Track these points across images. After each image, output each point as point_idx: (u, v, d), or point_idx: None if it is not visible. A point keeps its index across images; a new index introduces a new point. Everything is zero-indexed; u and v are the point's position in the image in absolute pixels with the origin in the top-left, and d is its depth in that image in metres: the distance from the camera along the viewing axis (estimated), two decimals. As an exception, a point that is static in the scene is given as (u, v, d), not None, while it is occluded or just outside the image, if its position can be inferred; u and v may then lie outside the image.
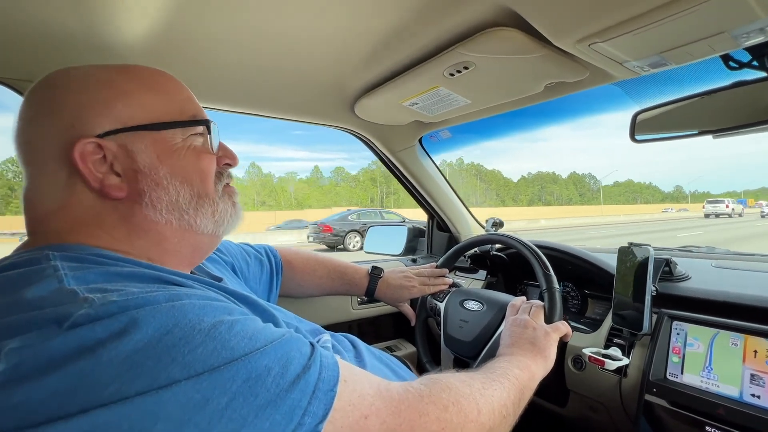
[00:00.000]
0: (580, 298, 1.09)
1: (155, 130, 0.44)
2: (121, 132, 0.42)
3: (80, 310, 0.29)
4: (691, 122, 0.75)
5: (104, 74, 0.44)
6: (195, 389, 0.29)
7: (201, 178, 0.47)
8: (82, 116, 0.41)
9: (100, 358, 0.28)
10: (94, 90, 0.42)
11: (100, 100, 0.42)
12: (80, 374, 0.27)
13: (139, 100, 0.44)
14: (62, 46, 0.69)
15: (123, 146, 0.42)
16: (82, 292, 0.31)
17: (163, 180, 0.44)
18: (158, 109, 0.44)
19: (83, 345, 0.28)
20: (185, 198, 0.45)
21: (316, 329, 0.62)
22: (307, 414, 0.33)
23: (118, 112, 0.42)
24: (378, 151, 1.35)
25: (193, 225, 0.46)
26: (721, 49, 0.60)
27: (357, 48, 0.78)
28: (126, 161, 0.42)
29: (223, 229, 0.50)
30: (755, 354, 0.65)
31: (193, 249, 0.49)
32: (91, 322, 0.29)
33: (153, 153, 0.43)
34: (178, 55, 0.75)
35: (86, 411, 0.26)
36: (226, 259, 0.74)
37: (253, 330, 0.35)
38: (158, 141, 0.44)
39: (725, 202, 34.09)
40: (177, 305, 0.32)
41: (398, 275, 1.00)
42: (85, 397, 0.26)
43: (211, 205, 0.47)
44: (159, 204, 0.43)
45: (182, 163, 0.45)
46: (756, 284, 0.79)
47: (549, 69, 0.74)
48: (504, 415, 0.50)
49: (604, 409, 0.84)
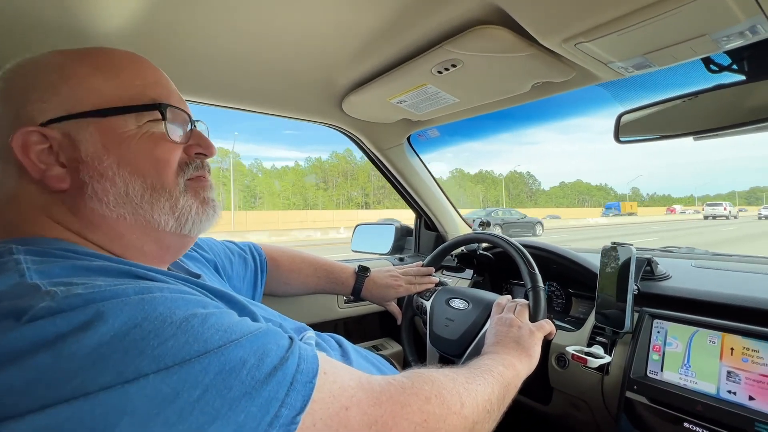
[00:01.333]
0: (564, 297, 1.10)
1: (101, 116, 0.40)
2: (65, 120, 0.39)
3: (41, 303, 0.28)
4: (673, 124, 0.77)
5: (58, 58, 0.41)
6: (164, 383, 0.28)
7: (156, 169, 0.43)
8: (27, 104, 0.39)
9: (61, 352, 0.26)
10: (41, 75, 0.40)
11: (44, 85, 0.40)
12: (38, 369, 0.26)
13: (86, 84, 0.40)
14: (37, 33, 0.66)
15: (67, 135, 0.40)
16: (44, 286, 0.30)
17: (107, 170, 0.40)
18: (107, 94, 0.41)
19: (42, 339, 0.27)
20: (136, 191, 0.41)
21: (300, 327, 0.61)
22: (285, 406, 0.32)
23: (62, 98, 0.39)
24: (366, 149, 1.34)
25: (151, 221, 0.43)
26: (702, 51, 0.61)
27: (345, 43, 0.77)
28: (69, 151, 0.40)
29: (189, 227, 0.45)
30: (732, 351, 0.66)
31: (159, 247, 0.46)
32: (53, 315, 0.28)
33: (98, 141, 0.40)
34: (158, 44, 0.73)
35: (44, 408, 0.25)
36: (207, 257, 0.72)
37: (229, 323, 0.34)
38: (105, 129, 0.40)
39: (723, 205, 36.27)
40: (147, 298, 0.31)
41: (385, 274, 0.99)
42: (44, 394, 0.25)
43: (168, 199, 0.43)
44: (105, 196, 0.40)
45: (133, 153, 0.41)
46: (733, 283, 0.81)
47: (536, 68, 0.75)
48: (488, 410, 0.50)
49: (586, 406, 0.85)
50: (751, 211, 36.59)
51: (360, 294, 0.96)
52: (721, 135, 0.73)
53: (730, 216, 34.62)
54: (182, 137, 0.46)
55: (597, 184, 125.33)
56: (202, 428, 0.28)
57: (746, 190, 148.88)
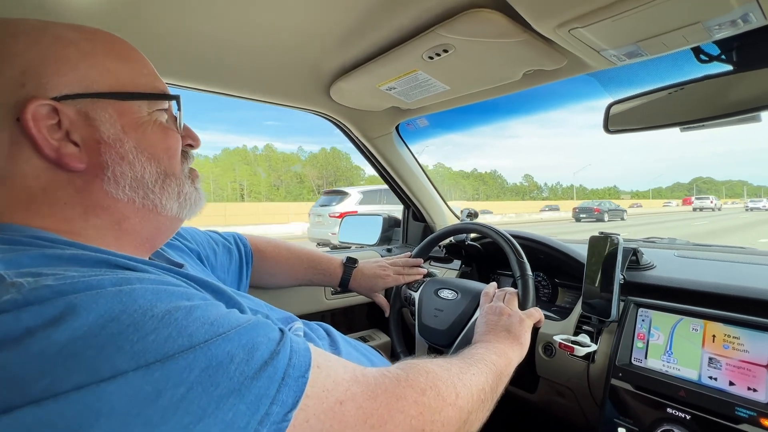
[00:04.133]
0: (550, 287, 1.11)
1: (121, 99, 0.40)
2: (81, 97, 0.37)
3: (5, 296, 0.26)
4: (662, 114, 0.77)
5: (62, 30, 0.39)
6: (145, 380, 0.26)
7: (168, 156, 0.44)
8: (37, 73, 0.36)
9: (28, 349, 0.24)
10: (52, 46, 0.37)
11: (59, 58, 0.37)
12: (2, 368, 0.23)
13: (104, 65, 0.39)
14: (5, 3, 0.61)
15: (83, 113, 0.38)
16: (9, 277, 0.27)
17: (128, 154, 0.40)
18: (123, 78, 0.41)
19: (6, 335, 0.24)
20: (151, 175, 0.42)
21: (288, 317, 0.59)
22: (276, 403, 0.30)
23: (80, 74, 0.38)
24: (354, 138, 1.31)
25: (158, 205, 0.43)
26: (694, 40, 0.61)
27: (333, 26, 0.74)
28: (86, 130, 0.38)
29: (186, 211, 0.47)
30: (713, 338, 0.68)
31: (154, 231, 0.45)
32: (18, 308, 0.25)
33: (117, 123, 0.39)
34: (138, 24, 0.69)
35: (8, 411, 0.22)
36: (190, 246, 0.69)
37: (215, 315, 0.32)
38: (124, 111, 0.40)
39: (710, 199, 41.24)
40: (125, 290, 0.29)
41: (372, 265, 0.98)
42: (9, 395, 0.23)
43: (177, 185, 0.45)
44: (123, 180, 0.40)
45: (149, 139, 0.42)
46: (715, 273, 0.82)
47: (528, 55, 0.74)
48: (482, 399, 0.49)
49: (571, 394, 0.86)
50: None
51: (348, 285, 0.95)
52: (708, 126, 0.74)
53: (715, 208, 38.80)
54: (181, 129, 0.48)
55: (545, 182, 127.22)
56: (187, 428, 0.26)
57: (687, 181, 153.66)
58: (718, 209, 39.42)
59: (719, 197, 75.62)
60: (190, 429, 0.26)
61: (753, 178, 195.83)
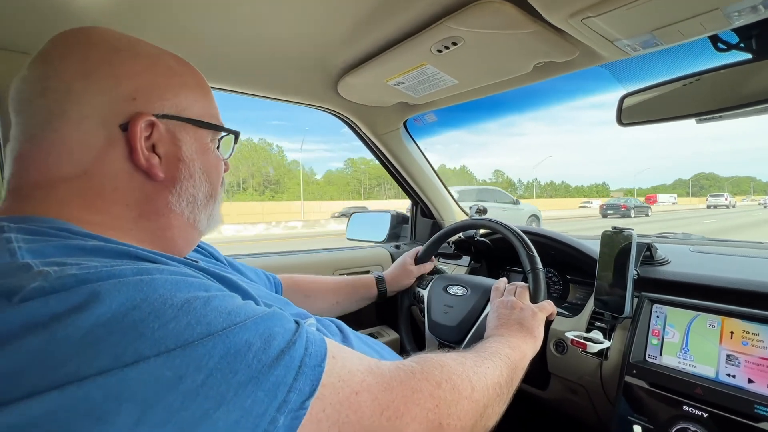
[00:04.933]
0: (561, 284, 1.10)
1: (199, 126, 0.46)
2: (173, 119, 0.43)
3: (33, 284, 0.26)
4: (677, 106, 0.75)
5: (170, 60, 0.45)
6: (166, 366, 0.26)
7: (217, 181, 0.50)
8: (148, 94, 0.42)
9: (55, 335, 0.25)
10: (164, 74, 0.44)
11: (168, 85, 0.44)
12: (30, 353, 0.24)
13: (194, 95, 0.46)
14: (21, 7, 0.62)
15: (171, 132, 0.43)
16: (36, 266, 0.28)
17: (195, 173, 0.46)
18: (204, 108, 0.47)
19: (34, 320, 0.25)
20: (203, 195, 0.47)
21: (301, 313, 0.59)
22: (293, 390, 0.30)
23: (179, 100, 0.44)
24: (362, 134, 1.31)
25: (197, 220, 0.48)
26: (711, 28, 0.60)
27: (341, 21, 0.73)
28: (171, 147, 0.43)
29: (209, 228, 0.52)
30: (731, 335, 0.66)
31: (186, 242, 0.49)
32: (45, 295, 0.26)
33: (193, 146, 0.45)
34: (149, 23, 0.70)
35: (36, 394, 0.23)
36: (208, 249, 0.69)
37: (233, 305, 0.32)
38: (199, 137, 0.46)
39: (724, 196, 41.56)
40: (146, 279, 0.30)
41: (394, 269, 1.03)
42: (36, 379, 0.23)
43: (213, 206, 0.50)
44: (184, 194, 0.45)
45: (209, 163, 0.48)
46: (732, 268, 0.80)
47: (539, 46, 0.72)
48: (498, 393, 0.49)
49: (584, 391, 0.85)
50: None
51: (387, 294, 0.99)
52: (726, 117, 0.72)
53: (729, 206, 39.12)
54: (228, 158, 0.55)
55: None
56: (206, 414, 0.26)
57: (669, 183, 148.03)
58: (733, 206, 39.53)
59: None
60: (209, 414, 0.26)
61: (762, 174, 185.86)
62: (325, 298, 0.92)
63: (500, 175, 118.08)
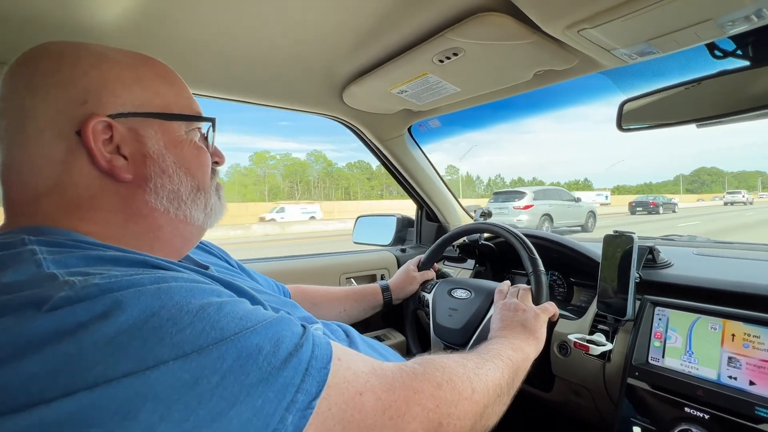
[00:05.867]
0: (565, 286, 1.11)
1: (165, 119, 0.44)
2: (132, 116, 0.42)
3: (60, 293, 0.28)
4: (676, 111, 0.76)
5: (118, 55, 0.44)
6: (183, 369, 0.28)
7: (201, 172, 0.48)
8: (98, 94, 0.40)
9: (82, 341, 0.27)
10: (111, 69, 0.42)
11: (118, 80, 0.42)
12: (61, 357, 0.26)
13: (154, 88, 0.44)
14: (33, 26, 0.65)
15: (133, 130, 0.42)
16: (62, 276, 0.30)
17: (168, 168, 0.44)
18: (169, 100, 0.45)
19: (64, 328, 0.27)
20: (186, 189, 0.46)
21: (308, 317, 0.61)
22: (300, 391, 0.32)
23: (134, 95, 0.42)
24: (367, 140, 1.33)
25: (188, 216, 0.47)
26: (707, 37, 0.61)
27: (345, 32, 0.76)
28: (134, 145, 0.42)
29: (210, 221, 0.51)
30: (733, 338, 0.67)
31: (183, 240, 0.49)
32: (72, 304, 0.28)
33: (161, 141, 0.44)
34: (156, 36, 0.72)
35: (70, 394, 0.25)
36: (218, 253, 0.72)
37: (243, 311, 0.34)
38: (166, 130, 0.44)
39: (741, 193, 41.52)
40: (163, 287, 0.32)
41: (398, 276, 1.05)
42: (68, 381, 0.26)
43: (205, 198, 0.49)
44: (162, 191, 0.44)
45: (186, 155, 0.46)
46: (735, 271, 0.81)
47: (538, 56, 0.74)
48: (498, 394, 0.50)
49: (587, 393, 0.86)
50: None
51: (392, 302, 1.02)
52: (725, 122, 0.73)
53: (746, 202, 38.97)
54: (211, 147, 0.52)
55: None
56: (222, 413, 0.29)
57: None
58: (750, 203, 39.17)
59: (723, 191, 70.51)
60: (224, 413, 0.29)
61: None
62: (332, 306, 0.94)
63: (452, 169, 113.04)
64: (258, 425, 0.30)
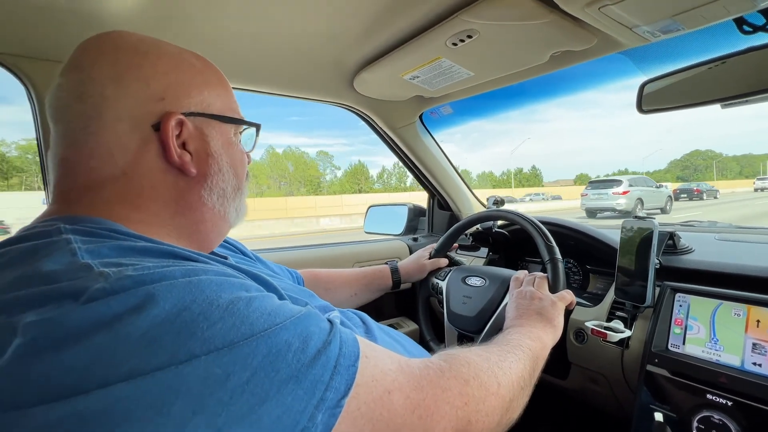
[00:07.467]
0: (581, 274, 1.09)
1: (223, 121, 0.47)
2: (200, 116, 0.45)
3: (96, 285, 0.29)
4: (700, 91, 0.73)
5: (191, 58, 0.47)
6: (215, 364, 0.28)
7: (243, 173, 0.51)
8: (176, 93, 0.43)
9: (117, 334, 0.27)
10: (187, 71, 0.45)
11: (193, 83, 0.45)
12: (98, 349, 0.26)
13: (217, 92, 0.47)
14: (45, 15, 0.66)
15: (198, 129, 0.45)
16: (96, 267, 0.31)
17: (223, 167, 0.47)
18: (225, 104, 0.48)
19: (100, 320, 0.27)
20: (232, 188, 0.49)
21: (325, 306, 0.61)
22: (330, 389, 0.32)
23: (202, 97, 0.45)
24: (378, 129, 1.32)
25: (227, 213, 0.50)
26: (736, 10, 0.58)
27: (355, 18, 0.75)
28: (200, 143, 0.45)
29: (239, 220, 0.54)
30: (758, 323, 0.65)
31: (217, 235, 0.51)
32: (107, 296, 0.28)
33: (220, 141, 0.47)
34: (168, 26, 0.72)
35: (105, 386, 0.25)
36: (236, 245, 0.72)
37: (272, 306, 0.34)
38: (223, 132, 0.48)
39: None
40: (194, 281, 0.32)
41: (410, 259, 1.06)
42: (104, 372, 0.26)
43: (240, 198, 0.52)
44: (215, 188, 0.47)
45: (235, 156, 0.49)
46: (758, 255, 0.79)
47: (555, 36, 0.72)
48: (522, 386, 0.50)
49: (605, 380, 0.85)
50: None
51: (401, 282, 1.02)
52: (752, 101, 0.70)
53: None
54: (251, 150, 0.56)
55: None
56: (252, 409, 0.28)
57: None
58: None
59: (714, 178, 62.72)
60: (255, 409, 0.28)
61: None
62: (343, 290, 0.96)
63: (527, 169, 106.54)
64: (288, 423, 0.30)
